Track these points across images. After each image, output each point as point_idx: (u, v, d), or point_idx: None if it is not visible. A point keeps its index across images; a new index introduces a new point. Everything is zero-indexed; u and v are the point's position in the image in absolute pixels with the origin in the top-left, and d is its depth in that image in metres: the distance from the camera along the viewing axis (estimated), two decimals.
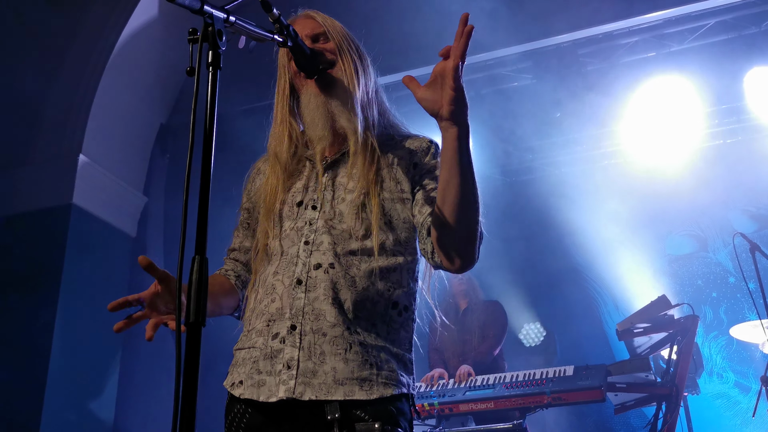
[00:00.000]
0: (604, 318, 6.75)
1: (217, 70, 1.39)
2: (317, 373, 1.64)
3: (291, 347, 1.67)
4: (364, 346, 1.69)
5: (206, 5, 1.40)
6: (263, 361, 1.69)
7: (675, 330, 4.37)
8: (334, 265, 1.72)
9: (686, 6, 5.39)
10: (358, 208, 1.77)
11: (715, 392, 6.18)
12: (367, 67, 1.96)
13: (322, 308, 1.69)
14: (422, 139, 1.94)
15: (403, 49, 5.15)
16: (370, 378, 1.66)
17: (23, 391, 4.92)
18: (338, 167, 1.86)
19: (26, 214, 5.43)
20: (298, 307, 1.70)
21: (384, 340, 1.73)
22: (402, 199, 1.82)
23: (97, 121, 5.63)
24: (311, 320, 1.68)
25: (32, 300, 5.13)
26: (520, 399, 4.19)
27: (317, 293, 1.70)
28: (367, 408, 1.64)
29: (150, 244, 6.22)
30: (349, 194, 1.80)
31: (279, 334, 1.69)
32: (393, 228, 1.80)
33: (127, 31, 5.71)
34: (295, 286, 1.72)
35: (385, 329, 1.74)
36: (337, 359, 1.65)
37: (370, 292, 1.73)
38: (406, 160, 1.87)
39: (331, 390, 1.63)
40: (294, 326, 1.68)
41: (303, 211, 1.81)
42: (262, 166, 2.01)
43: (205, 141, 1.33)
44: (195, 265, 1.27)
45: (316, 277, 1.71)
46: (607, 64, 5.79)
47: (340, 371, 1.65)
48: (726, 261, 6.46)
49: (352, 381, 1.64)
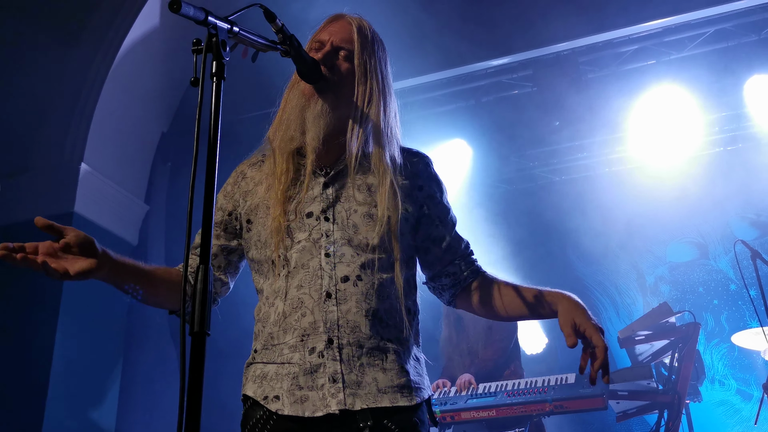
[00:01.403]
0: (606, 325, 6.74)
1: (221, 80, 1.40)
2: (361, 384, 1.69)
3: (332, 361, 1.69)
4: (397, 354, 1.75)
5: (210, 16, 1.41)
6: (303, 377, 1.70)
7: (676, 337, 4.37)
8: (361, 277, 1.75)
9: (686, 14, 5.41)
10: (373, 221, 1.80)
11: (717, 400, 6.17)
12: (389, 94, 1.95)
13: (356, 320, 1.72)
14: (420, 158, 1.99)
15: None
16: (408, 385, 1.73)
17: (25, 400, 4.91)
18: (344, 178, 1.86)
19: (28, 223, 5.41)
20: (332, 320, 1.71)
21: (409, 347, 1.80)
22: (407, 219, 1.86)
23: (98, 130, 5.64)
24: (347, 333, 1.71)
25: (33, 309, 5.13)
26: (522, 407, 4.18)
27: (349, 306, 1.73)
28: (394, 418, 1.69)
29: (151, 252, 6.22)
30: (360, 207, 1.81)
31: (316, 349, 1.70)
32: (402, 242, 1.84)
33: (128, 41, 5.73)
34: (325, 300, 1.73)
35: (409, 335, 1.81)
36: (376, 370, 1.71)
37: (393, 302, 1.79)
38: (410, 180, 1.91)
39: (378, 399, 1.68)
40: (331, 340, 1.70)
41: (315, 223, 1.80)
42: (248, 170, 1.98)
43: (209, 150, 1.34)
44: (199, 274, 1.27)
45: (345, 289, 1.74)
46: (608, 72, 5.81)
47: (381, 381, 1.70)
48: (727, 268, 6.46)
49: (394, 389, 1.71)
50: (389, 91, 1.96)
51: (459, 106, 6.20)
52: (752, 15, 5.42)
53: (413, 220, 1.89)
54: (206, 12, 1.40)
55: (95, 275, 1.66)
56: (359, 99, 1.87)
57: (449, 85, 6.05)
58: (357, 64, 1.89)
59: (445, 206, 1.98)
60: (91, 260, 1.64)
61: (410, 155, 1.97)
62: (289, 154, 1.87)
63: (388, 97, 1.94)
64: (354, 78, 1.88)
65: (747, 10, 5.37)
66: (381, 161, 1.85)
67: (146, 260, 6.13)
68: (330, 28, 1.94)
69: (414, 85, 5.96)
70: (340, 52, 1.89)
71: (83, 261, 1.63)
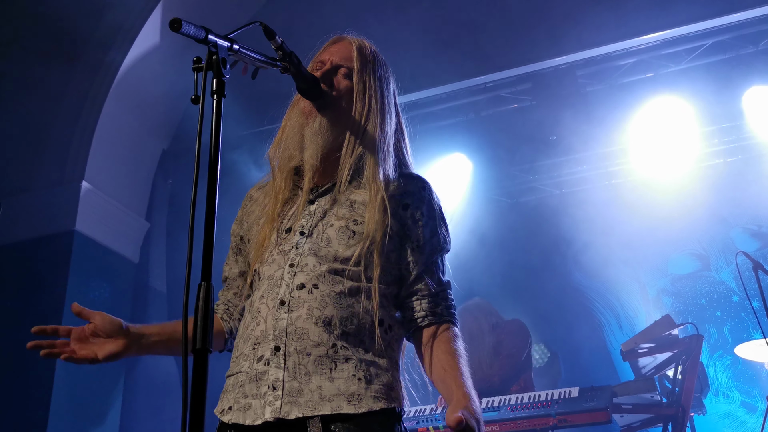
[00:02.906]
0: (608, 338, 6.72)
1: (222, 98, 1.41)
2: (303, 392, 1.63)
3: (276, 368, 1.66)
4: (351, 361, 1.68)
5: (210, 34, 1.42)
6: (249, 385, 1.69)
7: (679, 350, 4.35)
8: (317, 285, 1.73)
9: (684, 27, 5.43)
10: (346, 234, 1.78)
11: (722, 412, 6.14)
12: (389, 113, 1.94)
13: (305, 327, 1.68)
14: (416, 180, 1.94)
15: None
16: (358, 392, 1.65)
17: (27, 419, 4.90)
18: (330, 195, 1.86)
19: (29, 241, 5.44)
20: (281, 327, 1.69)
21: (373, 355, 1.73)
22: (390, 236, 1.81)
23: (99, 148, 5.66)
24: (295, 340, 1.67)
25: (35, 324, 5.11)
26: (526, 421, 4.16)
27: (300, 313, 1.70)
28: (350, 426, 1.62)
29: (152, 270, 6.22)
30: (338, 221, 1.80)
31: (263, 356, 1.69)
32: (383, 256, 1.80)
33: (129, 59, 5.76)
34: (278, 308, 1.72)
35: (374, 345, 1.74)
36: (323, 378, 1.65)
37: (356, 309, 1.73)
38: (396, 197, 1.86)
39: (318, 406, 1.62)
40: (278, 347, 1.68)
41: (291, 237, 1.82)
42: (255, 193, 2.02)
43: (210, 167, 1.35)
44: (201, 291, 1.27)
45: (299, 297, 1.72)
46: (606, 85, 5.83)
47: (326, 389, 1.64)
48: (729, 280, 6.44)
49: (340, 396, 1.64)
50: (389, 110, 1.95)
51: (459, 120, 6.22)
52: (750, 27, 5.44)
53: (397, 238, 1.84)
54: (206, 30, 1.41)
55: (123, 356, 1.75)
56: (356, 115, 1.88)
57: (449, 100, 6.07)
58: (356, 82, 1.90)
59: (431, 231, 1.89)
60: (118, 342, 1.74)
61: (408, 177, 1.94)
62: (288, 172, 1.88)
63: (387, 115, 1.94)
64: (353, 95, 1.89)
65: (744, 22, 5.40)
66: (374, 177, 1.84)
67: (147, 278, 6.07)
68: (331, 48, 1.96)
69: (414, 100, 5.99)
70: (340, 70, 1.91)
71: (111, 344, 1.74)
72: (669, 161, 6.18)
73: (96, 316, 1.73)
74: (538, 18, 5.56)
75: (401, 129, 2.03)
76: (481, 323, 5.00)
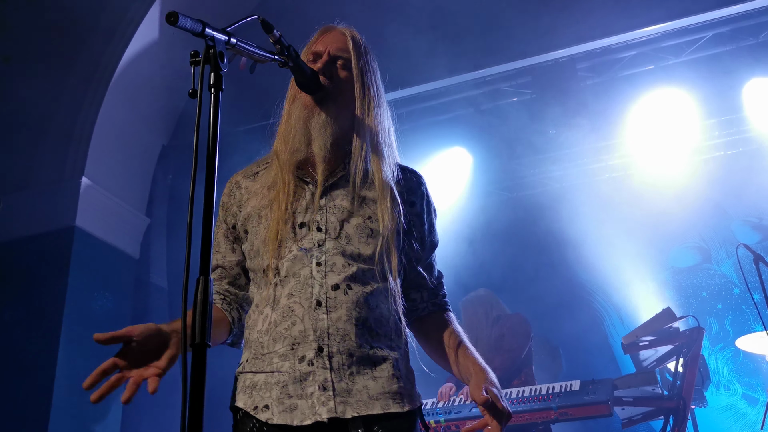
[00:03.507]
0: (609, 332, 6.73)
1: (219, 92, 1.40)
2: (351, 391, 1.68)
3: (322, 369, 1.69)
4: (387, 362, 1.75)
5: (207, 28, 1.41)
6: (293, 385, 1.69)
7: (680, 342, 4.35)
8: (351, 286, 1.75)
9: (683, 19, 5.42)
10: (365, 231, 1.81)
11: (723, 405, 6.15)
12: (383, 102, 1.96)
13: (346, 329, 1.72)
14: (415, 176, 2.00)
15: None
16: (399, 391, 1.74)
17: (28, 415, 4.90)
18: (337, 189, 1.86)
19: (29, 238, 5.44)
20: (322, 328, 1.71)
21: (400, 352, 1.81)
22: (398, 231, 1.87)
23: (99, 144, 5.65)
24: (337, 341, 1.71)
25: (36, 323, 5.13)
26: (527, 415, 4.17)
27: (339, 314, 1.72)
28: (385, 424, 1.69)
29: (153, 266, 6.22)
30: (354, 218, 1.81)
31: (306, 357, 1.70)
32: (394, 254, 1.84)
33: (128, 54, 5.75)
34: (315, 308, 1.73)
35: (400, 341, 1.82)
36: (366, 378, 1.71)
37: (383, 310, 1.79)
38: (403, 195, 1.92)
39: (369, 406, 1.68)
40: (321, 348, 1.70)
41: (308, 233, 1.80)
42: (243, 181, 1.96)
43: (208, 162, 1.34)
44: (199, 285, 1.27)
45: (335, 298, 1.73)
46: (606, 77, 5.82)
47: (372, 388, 1.71)
48: (730, 272, 6.44)
49: (385, 395, 1.71)
50: (383, 100, 1.97)
51: (458, 114, 6.21)
52: (749, 19, 5.43)
53: (403, 232, 1.90)
54: (203, 24, 1.40)
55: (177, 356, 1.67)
56: (359, 108, 1.88)
57: (448, 94, 6.05)
58: (355, 73, 1.90)
59: (429, 227, 1.98)
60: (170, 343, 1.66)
61: (405, 171, 1.99)
62: (293, 166, 1.87)
63: (383, 107, 1.96)
64: (352, 86, 1.89)
65: (744, 14, 5.39)
66: (381, 171, 1.86)
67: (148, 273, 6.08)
68: (324, 39, 1.95)
69: (413, 94, 5.98)
70: (338, 61, 1.90)
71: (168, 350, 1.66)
72: (669, 154, 6.17)
73: (134, 331, 1.64)
74: (538, 10, 5.54)
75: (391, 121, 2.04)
76: (480, 316, 4.95)
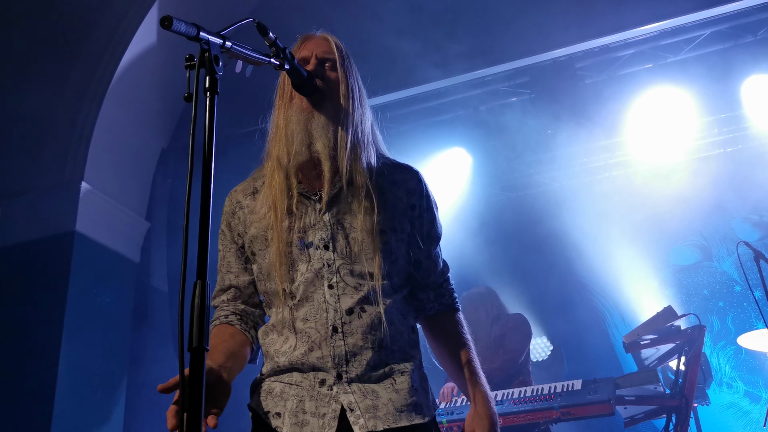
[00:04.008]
0: (611, 330, 6.72)
1: (215, 95, 1.40)
2: (378, 406, 1.72)
3: (344, 394, 1.72)
4: (405, 374, 1.79)
5: (202, 32, 1.41)
6: (309, 402, 1.73)
7: (682, 341, 4.35)
8: (364, 308, 1.77)
9: (682, 17, 5.41)
10: (371, 249, 1.80)
11: (725, 402, 6.14)
12: (366, 105, 1.99)
13: (362, 355, 1.75)
14: (413, 175, 1.98)
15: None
16: (420, 402, 1.79)
17: (30, 418, 4.90)
18: (338, 204, 1.85)
19: (30, 243, 5.44)
20: (340, 355, 1.74)
21: (414, 363, 1.84)
22: (402, 240, 1.88)
23: (98, 148, 5.65)
24: (356, 367, 1.74)
25: (37, 328, 5.12)
26: (529, 414, 4.16)
27: (355, 339, 1.75)
28: None
29: (153, 269, 6.22)
30: (358, 234, 1.81)
31: (326, 382, 1.74)
32: (397, 264, 1.86)
33: (126, 59, 5.74)
34: (332, 335, 1.75)
35: (414, 352, 1.86)
36: (389, 391, 1.75)
37: (397, 326, 1.83)
38: (403, 200, 1.91)
39: (396, 418, 1.72)
40: (340, 375, 1.73)
41: (315, 252, 1.80)
42: (243, 199, 1.94)
43: (205, 165, 1.34)
44: (196, 290, 1.27)
45: (351, 322, 1.76)
46: (605, 76, 5.82)
47: (396, 401, 1.75)
48: (731, 270, 6.44)
49: (408, 408, 1.75)
50: (366, 101, 1.99)
51: (458, 115, 6.20)
52: (748, 16, 5.42)
53: (407, 238, 1.90)
54: (198, 27, 1.40)
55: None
56: (344, 107, 1.89)
57: (447, 94, 6.05)
58: (340, 75, 1.92)
59: (430, 222, 1.97)
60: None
61: (401, 170, 1.97)
62: (292, 173, 1.85)
63: (366, 107, 1.98)
64: (339, 87, 1.91)
65: (743, 11, 5.38)
66: (362, 176, 1.85)
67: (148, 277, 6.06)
68: (308, 44, 1.97)
69: (413, 95, 5.97)
70: (326, 63, 1.93)
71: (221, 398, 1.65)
72: (669, 152, 6.16)
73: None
74: (536, 10, 5.54)
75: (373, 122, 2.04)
76: (480, 314, 4.90)
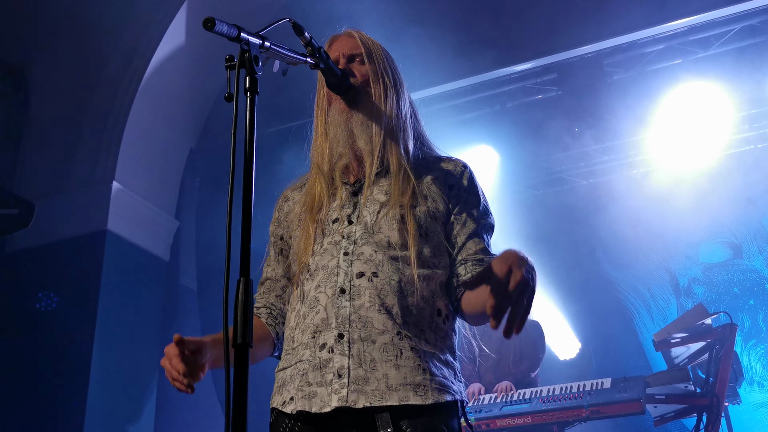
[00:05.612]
0: (639, 329, 6.67)
1: (255, 95, 1.42)
2: (369, 380, 1.64)
3: (340, 356, 1.67)
4: (415, 351, 1.69)
5: (243, 33, 1.43)
6: (312, 373, 1.69)
7: (713, 339, 4.31)
8: (377, 273, 1.73)
9: (711, 12, 5.35)
10: (396, 220, 1.79)
11: (757, 402, 6.07)
12: (402, 90, 1.99)
13: (369, 315, 1.69)
14: (456, 162, 1.99)
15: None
16: (423, 383, 1.66)
17: (63, 416, 4.98)
18: (372, 186, 1.87)
19: (63, 241, 5.53)
20: (344, 315, 1.70)
21: (433, 347, 1.74)
22: (436, 217, 1.85)
23: (128, 149, 5.74)
24: (359, 328, 1.68)
25: (70, 326, 5.21)
26: (558, 413, 4.15)
27: (362, 301, 1.70)
28: (418, 423, 1.63)
29: (182, 268, 6.29)
30: (384, 208, 1.81)
31: (326, 344, 1.69)
32: (429, 241, 1.81)
33: (155, 60, 5.81)
34: (338, 296, 1.72)
35: (433, 336, 1.75)
36: (389, 365, 1.66)
37: (415, 299, 1.74)
38: (440, 180, 1.91)
39: (385, 396, 1.63)
40: (341, 335, 1.68)
41: (339, 227, 1.82)
42: (291, 194, 2.02)
43: (246, 164, 1.36)
44: (240, 287, 1.29)
45: (359, 285, 1.72)
46: (633, 73, 5.76)
47: (393, 377, 1.65)
48: (762, 268, 6.36)
49: (406, 386, 1.64)
50: (401, 86, 1.99)
51: (484, 112, 6.19)
52: None
53: (443, 218, 1.87)
54: (239, 28, 1.43)
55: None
56: (376, 98, 1.91)
57: (474, 92, 6.04)
58: (369, 66, 1.94)
59: (473, 209, 1.91)
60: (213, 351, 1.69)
61: (446, 160, 1.99)
62: (338, 171, 1.89)
63: (401, 91, 1.98)
64: (370, 78, 1.93)
65: None
66: (398, 159, 1.87)
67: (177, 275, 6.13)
68: (335, 45, 1.99)
69: (439, 93, 5.97)
70: (355, 59, 1.95)
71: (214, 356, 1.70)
72: (698, 149, 6.09)
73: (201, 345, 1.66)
74: (563, 6, 5.51)
75: (414, 108, 2.04)
76: None
